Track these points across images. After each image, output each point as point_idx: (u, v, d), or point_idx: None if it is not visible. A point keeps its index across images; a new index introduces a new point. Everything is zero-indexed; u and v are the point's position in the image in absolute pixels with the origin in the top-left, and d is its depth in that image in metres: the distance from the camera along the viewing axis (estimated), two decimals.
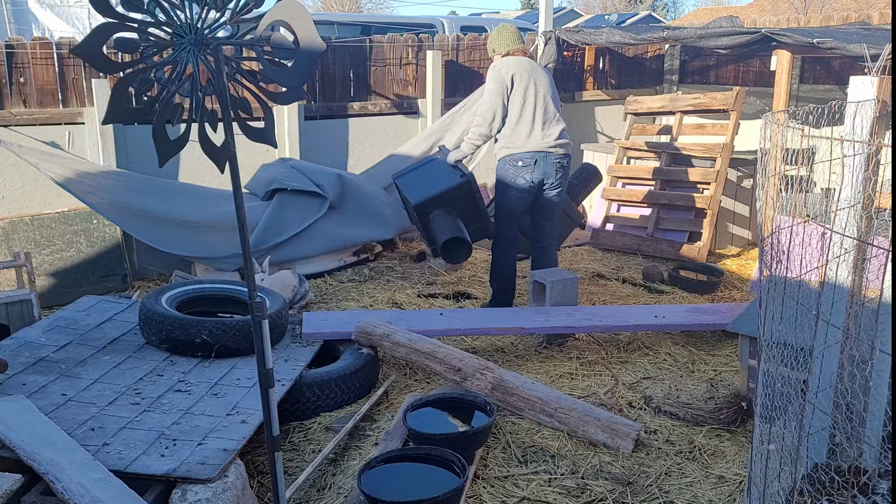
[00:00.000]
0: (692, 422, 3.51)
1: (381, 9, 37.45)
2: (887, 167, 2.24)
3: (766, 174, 2.13)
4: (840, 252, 2.20)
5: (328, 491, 2.99)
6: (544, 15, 7.34)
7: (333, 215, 5.89)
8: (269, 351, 2.30)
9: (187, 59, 2.07)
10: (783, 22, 8.13)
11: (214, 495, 2.57)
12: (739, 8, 27.74)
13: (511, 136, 4.80)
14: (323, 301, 5.27)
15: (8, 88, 5.34)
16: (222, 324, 3.76)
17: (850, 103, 2.22)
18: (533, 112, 4.79)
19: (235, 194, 2.22)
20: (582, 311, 4.53)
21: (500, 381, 3.55)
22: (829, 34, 5.63)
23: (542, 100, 4.82)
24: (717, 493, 2.98)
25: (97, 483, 2.48)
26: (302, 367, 3.68)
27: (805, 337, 2.21)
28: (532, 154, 4.76)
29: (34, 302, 4.35)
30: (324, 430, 3.47)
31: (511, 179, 4.80)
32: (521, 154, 4.77)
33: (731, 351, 4.38)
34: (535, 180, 4.79)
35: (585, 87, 8.15)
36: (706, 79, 8.29)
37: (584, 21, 21.18)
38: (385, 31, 8.90)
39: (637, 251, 6.47)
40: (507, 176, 4.82)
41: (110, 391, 3.33)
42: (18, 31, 10.66)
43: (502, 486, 3.01)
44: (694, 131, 6.78)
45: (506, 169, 4.82)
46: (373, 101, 6.86)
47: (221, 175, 2.53)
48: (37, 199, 5.50)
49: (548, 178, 4.83)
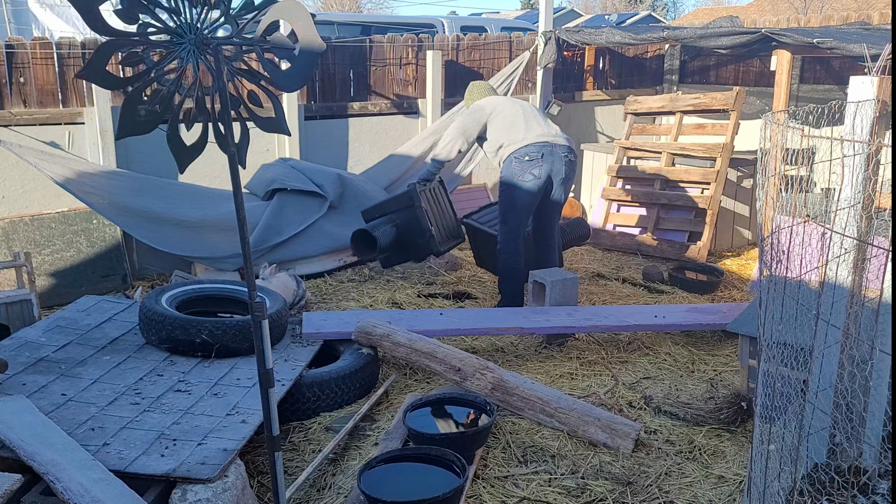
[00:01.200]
0: (692, 422, 3.51)
1: (381, 9, 37.45)
2: (887, 167, 2.24)
3: (766, 174, 2.13)
4: (840, 252, 2.20)
5: (328, 491, 2.99)
6: (544, 15, 7.34)
7: (333, 215, 5.89)
8: (269, 351, 2.30)
9: (188, 60, 2.07)
10: (783, 22, 8.13)
11: (214, 495, 2.57)
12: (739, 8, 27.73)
13: (509, 134, 4.77)
14: (323, 301, 5.27)
15: (8, 88, 5.34)
16: (222, 324, 3.76)
17: (850, 103, 2.22)
18: (524, 114, 4.85)
19: (235, 194, 2.22)
20: (582, 311, 4.53)
21: (500, 381, 3.55)
22: (829, 34, 5.62)
23: (530, 108, 4.97)
24: (717, 493, 2.98)
25: (97, 483, 2.48)
26: (302, 367, 3.67)
27: (805, 337, 2.21)
28: (538, 147, 4.69)
29: (34, 302, 4.35)
30: (324, 430, 3.47)
31: (518, 177, 4.70)
32: (527, 148, 4.69)
33: (731, 351, 4.38)
34: (544, 176, 4.69)
35: (585, 87, 8.14)
36: (706, 79, 8.29)
37: (584, 21, 21.17)
38: (385, 31, 8.89)
39: (637, 251, 6.47)
40: (514, 174, 4.71)
41: (110, 391, 3.33)
42: (18, 31, 10.67)
43: (502, 486, 3.01)
44: (694, 131, 6.78)
45: (511, 167, 4.72)
46: (373, 101, 6.86)
47: (221, 175, 2.54)
48: (37, 199, 5.49)
49: (556, 174, 4.75)
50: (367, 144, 6.87)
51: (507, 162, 4.76)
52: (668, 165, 6.62)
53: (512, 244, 4.84)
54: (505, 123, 4.82)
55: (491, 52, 7.45)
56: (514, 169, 4.71)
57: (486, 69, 7.39)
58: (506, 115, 4.86)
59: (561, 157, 4.74)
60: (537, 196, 4.77)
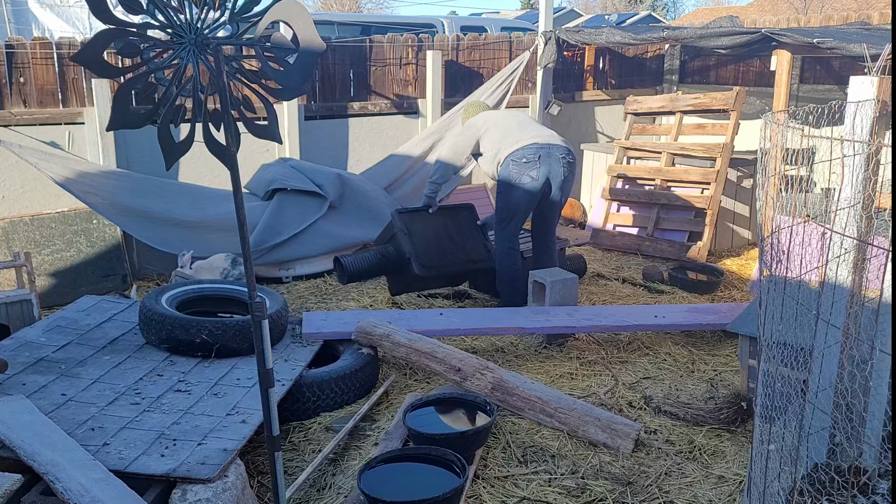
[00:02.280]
0: (692, 422, 3.51)
1: (381, 9, 37.43)
2: (887, 167, 2.24)
3: (766, 174, 2.13)
4: (840, 252, 2.20)
5: (328, 491, 2.99)
6: (544, 15, 7.34)
7: (333, 215, 5.89)
8: (269, 351, 2.30)
9: (187, 60, 2.07)
10: (783, 22, 8.13)
11: (214, 495, 2.57)
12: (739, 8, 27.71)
13: (504, 140, 4.76)
14: (323, 301, 5.27)
15: (8, 88, 5.34)
16: (222, 324, 3.76)
17: (850, 103, 2.22)
18: (517, 122, 4.90)
19: (235, 194, 2.22)
20: (582, 311, 4.52)
21: (500, 381, 3.55)
22: (829, 34, 5.62)
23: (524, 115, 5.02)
24: (717, 493, 2.98)
25: (97, 483, 2.48)
26: (302, 367, 3.67)
27: (805, 337, 2.21)
28: (535, 148, 4.65)
29: (34, 302, 4.35)
30: (324, 430, 3.47)
31: (515, 179, 4.67)
32: (524, 150, 4.66)
33: (731, 351, 4.38)
34: (542, 178, 4.65)
35: (585, 87, 8.15)
36: (706, 79, 8.29)
37: (584, 21, 21.17)
38: (385, 31, 8.89)
39: (637, 251, 6.47)
40: (511, 176, 4.69)
41: (110, 391, 3.33)
42: (18, 31, 10.66)
43: (502, 486, 3.01)
44: (694, 131, 6.78)
45: (509, 170, 4.69)
46: (373, 101, 6.86)
47: (221, 175, 2.54)
48: (37, 199, 5.50)
49: (554, 176, 4.70)
50: (367, 144, 6.87)
51: (505, 165, 4.72)
52: (668, 165, 6.62)
53: (507, 244, 4.85)
54: (498, 133, 4.82)
55: (491, 52, 7.45)
56: (512, 171, 4.68)
57: (486, 69, 7.40)
58: (499, 125, 4.87)
59: (559, 159, 4.71)
60: (535, 198, 4.75)
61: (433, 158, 6.70)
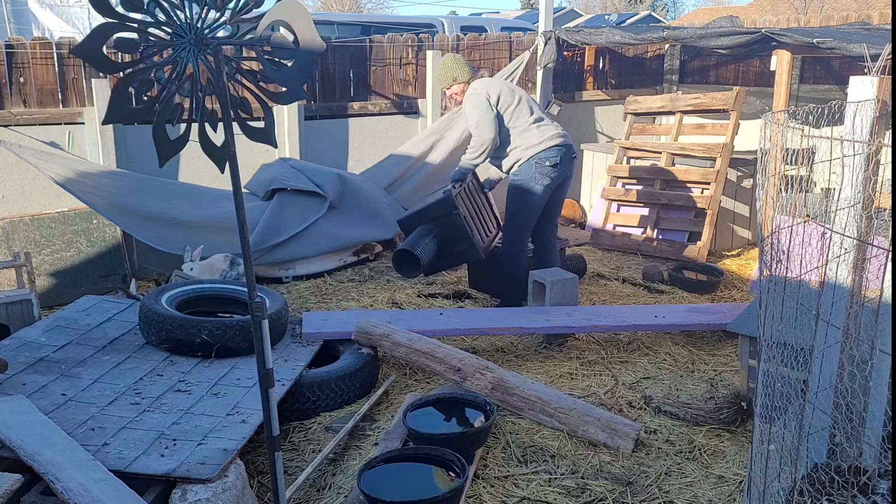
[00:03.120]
0: (692, 422, 3.51)
1: (381, 9, 37.46)
2: (887, 167, 2.24)
3: (766, 174, 2.13)
4: (840, 252, 2.20)
5: (328, 491, 2.99)
6: (544, 15, 7.34)
7: (333, 215, 5.89)
8: (269, 351, 2.30)
9: (187, 59, 2.07)
10: (783, 22, 8.13)
11: (214, 495, 2.57)
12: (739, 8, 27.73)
13: (523, 137, 4.70)
14: (323, 301, 5.27)
15: (8, 88, 5.34)
16: (222, 324, 3.76)
17: (850, 103, 2.22)
18: (531, 113, 4.79)
19: (235, 194, 2.22)
20: (582, 311, 4.52)
21: (500, 381, 3.55)
22: (829, 34, 5.62)
23: (530, 101, 4.85)
24: (717, 493, 2.98)
25: (97, 483, 2.48)
26: (302, 367, 3.68)
27: (805, 337, 2.21)
28: (556, 150, 4.67)
29: (34, 302, 4.35)
30: (324, 430, 3.47)
31: (536, 182, 4.67)
32: (547, 153, 4.66)
33: (731, 351, 4.38)
34: (559, 179, 4.73)
35: (585, 87, 8.15)
36: (706, 79, 8.29)
37: (584, 21, 21.17)
38: (385, 31, 8.89)
39: (637, 251, 6.47)
40: (532, 179, 4.68)
41: (110, 391, 3.33)
42: (18, 31, 10.66)
43: (502, 486, 3.01)
44: (694, 131, 6.78)
45: (532, 172, 4.67)
46: (373, 101, 6.86)
47: (221, 175, 2.54)
48: (37, 199, 5.49)
49: (566, 177, 4.80)
50: (367, 144, 6.87)
51: (528, 165, 4.69)
52: (668, 165, 6.62)
53: (516, 245, 4.85)
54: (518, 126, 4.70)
55: (491, 52, 7.45)
56: (535, 173, 4.68)
57: (486, 69, 7.39)
58: (510, 109, 4.73)
59: (572, 160, 4.81)
60: (547, 198, 4.79)
61: (433, 158, 6.71)
